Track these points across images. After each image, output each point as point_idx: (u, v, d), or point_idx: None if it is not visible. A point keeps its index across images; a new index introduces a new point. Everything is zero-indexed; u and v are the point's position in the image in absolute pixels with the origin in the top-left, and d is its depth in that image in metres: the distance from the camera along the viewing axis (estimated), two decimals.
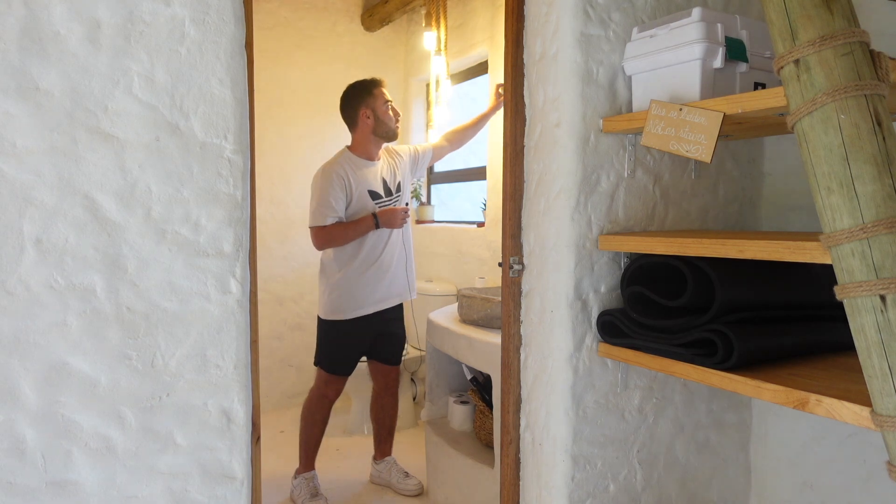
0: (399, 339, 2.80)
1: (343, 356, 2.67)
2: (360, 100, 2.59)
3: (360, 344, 2.69)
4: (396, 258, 2.66)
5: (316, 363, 2.70)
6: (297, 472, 2.71)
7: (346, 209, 2.55)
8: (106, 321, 1.14)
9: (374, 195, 2.60)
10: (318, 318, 2.68)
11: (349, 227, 2.53)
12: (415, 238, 4.18)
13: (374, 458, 2.89)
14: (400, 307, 2.78)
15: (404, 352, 3.48)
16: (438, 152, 2.90)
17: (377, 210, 2.57)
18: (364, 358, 2.82)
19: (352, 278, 2.58)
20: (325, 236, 2.51)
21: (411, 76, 4.22)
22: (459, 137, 2.91)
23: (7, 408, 1.09)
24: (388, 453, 2.88)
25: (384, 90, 2.62)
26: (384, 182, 2.65)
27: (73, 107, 1.10)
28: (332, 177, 2.51)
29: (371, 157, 2.63)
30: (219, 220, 1.21)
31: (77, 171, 1.11)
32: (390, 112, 2.61)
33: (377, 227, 2.53)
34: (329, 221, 2.50)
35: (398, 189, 2.70)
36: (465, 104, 3.83)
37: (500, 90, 2.75)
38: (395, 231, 2.64)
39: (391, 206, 2.59)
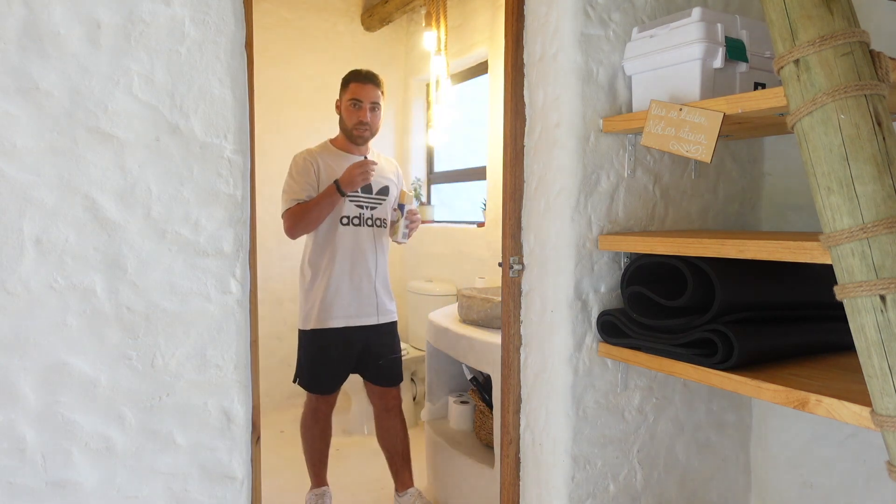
0: (386, 359, 2.54)
1: (321, 371, 2.44)
2: (340, 89, 2.49)
3: (340, 359, 2.45)
4: (376, 272, 2.48)
5: (294, 380, 2.49)
6: (310, 488, 2.59)
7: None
8: (106, 321, 1.14)
9: None
10: (298, 330, 2.48)
11: (310, 203, 2.33)
12: (415, 238, 4.19)
13: (396, 491, 2.58)
14: (388, 326, 2.54)
15: (403, 352, 3.48)
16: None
17: (347, 197, 2.36)
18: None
19: (325, 286, 2.40)
20: (289, 219, 2.35)
21: (411, 76, 4.22)
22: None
23: (7, 408, 1.09)
24: (410, 484, 2.54)
25: (360, 86, 2.42)
26: None
27: (73, 107, 1.10)
28: (300, 161, 2.41)
29: (348, 150, 2.48)
30: (219, 220, 1.20)
31: (77, 171, 1.11)
32: (353, 110, 2.42)
33: (341, 193, 2.32)
34: (292, 206, 2.35)
35: (383, 192, 2.50)
36: (466, 104, 3.82)
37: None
38: (369, 247, 2.45)
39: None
